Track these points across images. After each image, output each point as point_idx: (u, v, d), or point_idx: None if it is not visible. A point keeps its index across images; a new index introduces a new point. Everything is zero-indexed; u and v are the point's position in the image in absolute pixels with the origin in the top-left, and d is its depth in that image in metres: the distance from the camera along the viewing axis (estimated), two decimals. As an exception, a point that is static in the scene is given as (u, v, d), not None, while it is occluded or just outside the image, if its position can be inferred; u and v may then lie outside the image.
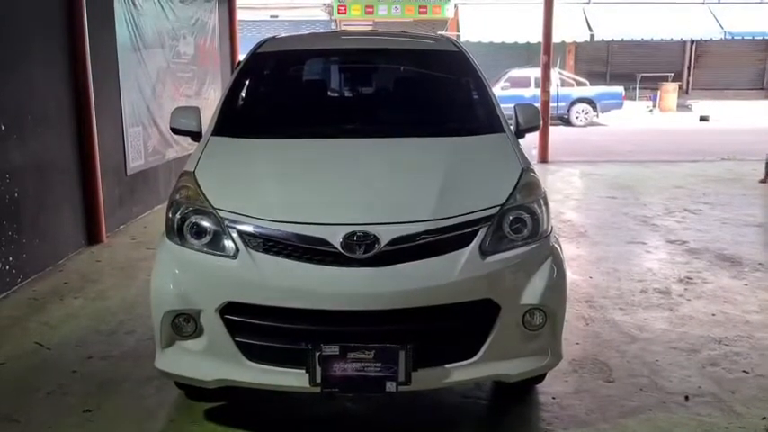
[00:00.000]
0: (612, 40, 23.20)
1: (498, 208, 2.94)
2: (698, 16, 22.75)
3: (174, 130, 3.82)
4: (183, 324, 2.90)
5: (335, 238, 2.75)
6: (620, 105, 20.19)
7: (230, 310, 2.81)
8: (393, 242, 2.76)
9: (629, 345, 4.04)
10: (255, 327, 2.82)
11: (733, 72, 25.43)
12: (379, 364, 2.74)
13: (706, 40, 23.72)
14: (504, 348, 2.91)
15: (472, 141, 3.49)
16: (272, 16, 23.01)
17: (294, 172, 3.16)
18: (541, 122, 3.86)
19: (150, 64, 7.75)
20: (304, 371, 2.76)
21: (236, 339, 2.83)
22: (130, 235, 6.74)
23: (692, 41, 24.60)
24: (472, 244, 2.84)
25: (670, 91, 23.38)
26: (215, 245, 2.87)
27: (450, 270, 2.79)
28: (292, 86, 4.17)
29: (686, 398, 3.39)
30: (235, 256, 2.81)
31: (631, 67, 24.44)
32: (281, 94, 4.08)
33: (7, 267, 4.95)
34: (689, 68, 25.74)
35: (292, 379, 2.80)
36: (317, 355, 2.73)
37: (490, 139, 3.52)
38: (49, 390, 3.52)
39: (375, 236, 2.75)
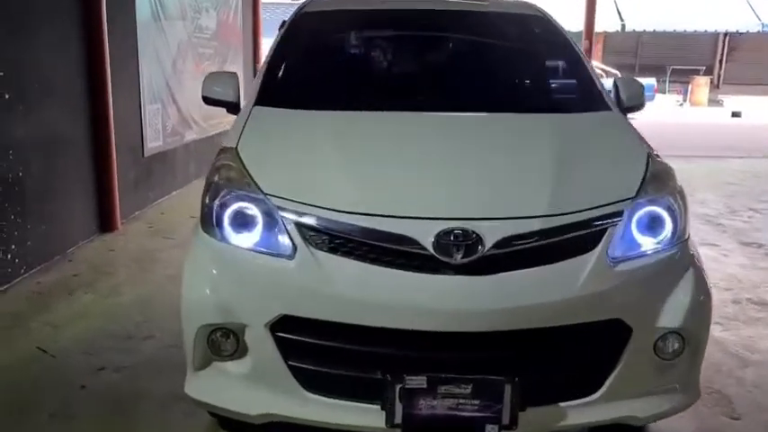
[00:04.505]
0: (644, 31, 22.38)
1: (629, 202, 2.29)
2: (734, 7, 21.87)
3: (207, 100, 3.18)
4: (222, 340, 2.28)
5: (426, 236, 2.11)
6: (651, 98, 19.47)
7: (284, 326, 2.19)
8: (500, 243, 2.12)
9: (744, 369, 3.39)
10: (317, 349, 2.20)
11: (766, 67, 24.55)
12: (477, 402, 2.12)
13: (741, 33, 22.82)
14: (632, 382, 2.28)
15: (578, 119, 2.84)
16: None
17: (365, 151, 2.52)
18: (645, 102, 3.20)
19: (171, 36, 7.13)
20: (379, 407, 2.14)
21: (291, 363, 2.21)
22: (147, 222, 6.13)
23: (726, 34, 23.73)
24: (599, 247, 2.20)
25: (701, 85, 22.58)
26: (266, 241, 2.24)
27: (572, 281, 2.15)
28: (348, 50, 3.51)
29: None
30: (292, 257, 2.18)
31: (660, 60, 23.64)
32: (336, 58, 3.43)
33: (9, 256, 4.35)
34: (720, 62, 24.90)
35: (364, 417, 2.17)
36: (398, 387, 2.10)
37: (599, 118, 2.88)
38: (51, 410, 2.91)
39: (478, 235, 2.11)
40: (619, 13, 21.86)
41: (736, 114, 20.35)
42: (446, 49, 3.46)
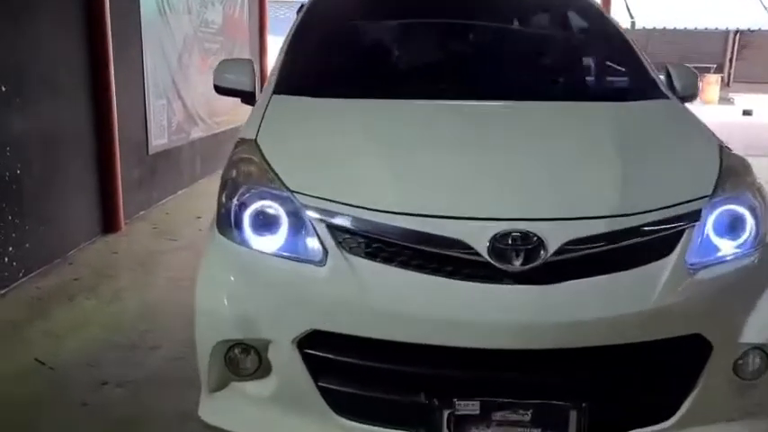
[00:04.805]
0: (654, 28, 22.11)
1: (706, 200, 2.01)
2: (744, 4, 21.57)
3: (219, 89, 2.89)
4: (241, 358, 2.01)
5: (480, 239, 1.83)
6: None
7: (314, 343, 1.91)
8: (566, 248, 1.84)
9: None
10: (351, 368, 1.93)
11: (777, 65, 24.28)
12: (538, 431, 1.83)
13: (752, 30, 22.55)
14: (710, 407, 2.00)
15: (637, 108, 2.57)
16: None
17: (404, 142, 2.23)
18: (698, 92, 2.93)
19: (176, 30, 6.85)
20: (424, 436, 1.86)
21: (321, 385, 1.94)
22: (151, 222, 5.85)
23: (736, 31, 23.45)
24: (676, 252, 1.92)
25: (712, 83, 22.24)
26: (292, 245, 1.96)
27: (647, 291, 1.87)
28: (375, 33, 3.21)
29: None
30: (322, 263, 1.91)
31: (670, 57, 23.25)
32: (362, 41, 3.14)
33: (6, 259, 4.08)
34: (730, 60, 24.62)
35: (406, 447, 1.89)
36: (447, 413, 1.84)
37: (659, 106, 2.60)
38: (50, 430, 2.64)
39: (539, 238, 1.83)
40: (629, 11, 21.59)
41: (747, 113, 20.00)
42: (485, 33, 3.16)
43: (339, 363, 1.92)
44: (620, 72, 2.92)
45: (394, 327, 1.85)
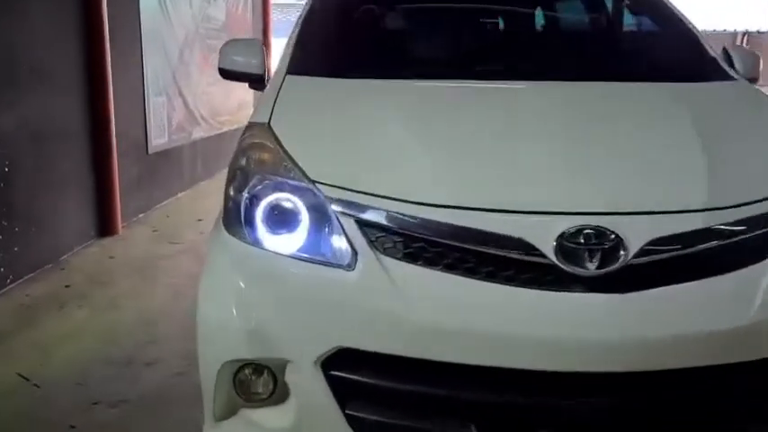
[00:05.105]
0: (661, 30, 21.84)
1: None
2: (752, 5, 21.31)
3: (225, 73, 2.58)
4: (253, 380, 1.70)
5: (545, 238, 1.51)
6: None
7: (341, 363, 1.60)
8: (648, 248, 1.52)
9: None
10: (386, 394, 1.61)
11: (785, 68, 24.00)
12: (615, 473, 1.51)
13: (761, 32, 22.27)
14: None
15: (706, 90, 2.28)
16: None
17: (444, 125, 1.92)
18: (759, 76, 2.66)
19: (177, 24, 6.57)
20: (474, 476, 1.55)
21: (349, 413, 1.62)
22: (151, 225, 5.56)
23: (744, 33, 23.18)
24: None
25: (720, 86, 22.01)
26: (314, 245, 1.65)
27: (746, 300, 1.55)
28: (404, 6, 2.89)
29: None
30: (351, 266, 1.59)
31: (676, 60, 23.07)
32: (390, 12, 2.82)
33: (-8, 264, 3.79)
34: (738, 63, 24.33)
35: (452, 490, 1.57)
36: (504, 451, 1.51)
37: (730, 88, 2.32)
38: (31, 459, 2.33)
39: (618, 236, 1.51)
40: (635, 12, 21.36)
41: (756, 116, 19.79)
42: (526, 5, 2.85)
43: (371, 387, 1.61)
44: (679, 51, 2.61)
45: (438, 344, 1.53)
